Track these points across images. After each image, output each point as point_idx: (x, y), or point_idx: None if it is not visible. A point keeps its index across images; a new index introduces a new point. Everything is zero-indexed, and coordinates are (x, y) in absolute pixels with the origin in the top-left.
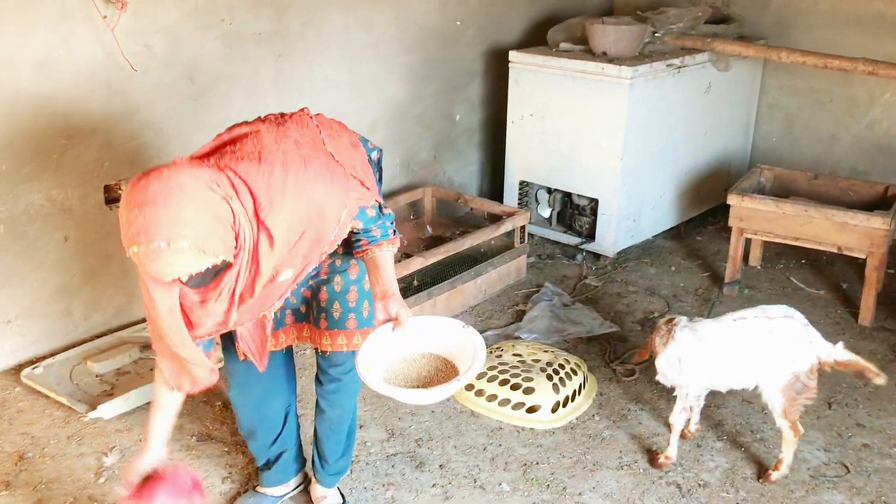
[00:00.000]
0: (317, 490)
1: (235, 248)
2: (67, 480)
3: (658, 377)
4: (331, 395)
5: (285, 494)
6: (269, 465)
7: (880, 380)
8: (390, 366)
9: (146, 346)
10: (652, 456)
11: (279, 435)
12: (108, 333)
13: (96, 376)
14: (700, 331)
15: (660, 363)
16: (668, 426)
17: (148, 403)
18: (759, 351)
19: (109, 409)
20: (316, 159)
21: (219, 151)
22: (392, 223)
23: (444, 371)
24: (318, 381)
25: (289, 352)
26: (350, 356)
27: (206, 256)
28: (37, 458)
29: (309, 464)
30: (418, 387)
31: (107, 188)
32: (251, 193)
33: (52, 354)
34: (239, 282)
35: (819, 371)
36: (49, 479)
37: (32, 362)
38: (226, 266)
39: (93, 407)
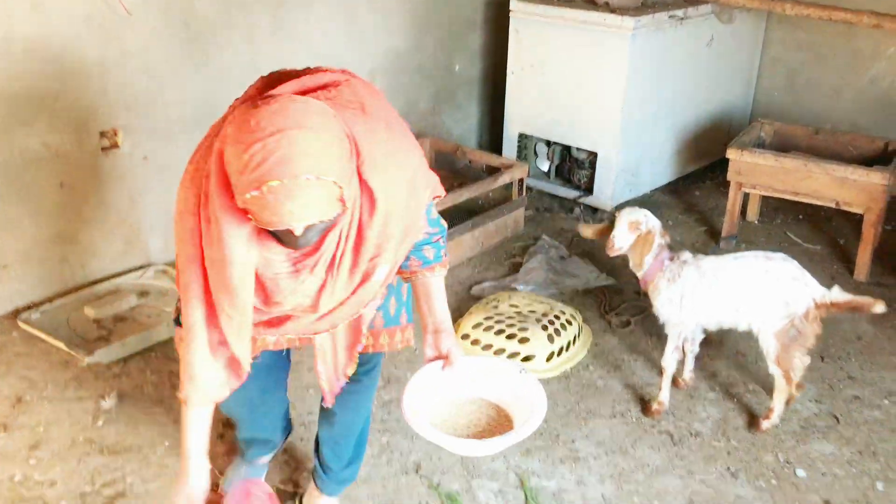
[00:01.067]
0: (318, 501)
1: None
2: (66, 423)
3: (654, 310)
4: (346, 396)
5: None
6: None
7: (880, 307)
8: (437, 409)
9: (143, 293)
10: (645, 404)
11: (278, 437)
12: (105, 280)
13: (94, 322)
14: (702, 266)
15: (661, 300)
16: (661, 370)
17: (146, 349)
18: (755, 288)
19: (107, 354)
20: (407, 129)
21: (307, 96)
22: (445, 240)
23: (497, 421)
24: None
25: (288, 353)
26: (372, 356)
27: (337, 201)
28: (35, 401)
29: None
30: (468, 436)
31: (102, 134)
32: (356, 146)
33: (49, 300)
34: (339, 248)
35: (818, 318)
36: (47, 421)
37: (29, 308)
38: (327, 228)
39: (90, 352)
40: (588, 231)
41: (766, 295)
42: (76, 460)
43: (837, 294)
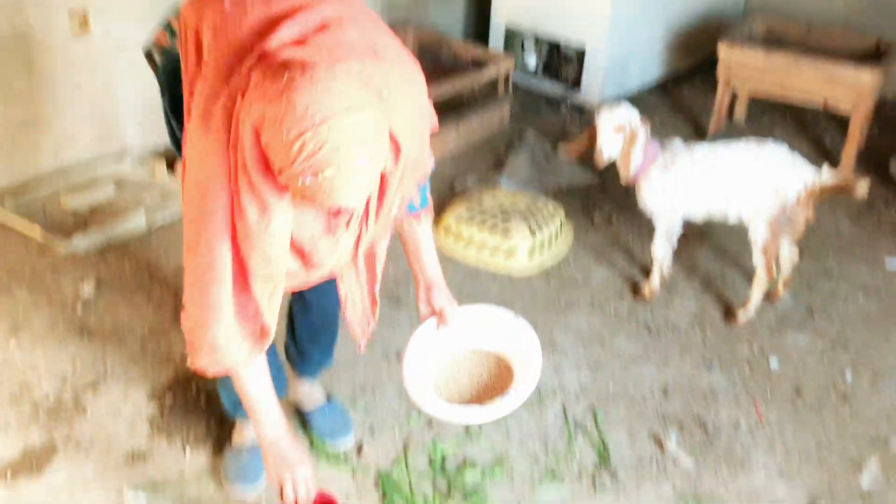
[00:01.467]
0: (301, 388)
1: None
2: (46, 308)
3: (642, 202)
4: (322, 284)
5: None
6: None
7: (863, 185)
8: (438, 367)
9: (120, 183)
10: (635, 287)
11: None
12: (80, 169)
13: (70, 210)
14: (695, 155)
15: (653, 190)
16: (651, 259)
17: (124, 238)
18: (746, 175)
19: (85, 242)
20: (409, 55)
21: (313, 41)
22: (429, 180)
23: (498, 373)
24: None
25: None
26: None
27: (381, 173)
28: (13, 288)
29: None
30: (472, 393)
31: (71, 15)
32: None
33: (23, 188)
34: (370, 201)
35: (809, 202)
36: (26, 307)
37: (2, 195)
38: None
39: (67, 240)
40: (572, 149)
41: (757, 182)
42: (56, 345)
43: (827, 175)
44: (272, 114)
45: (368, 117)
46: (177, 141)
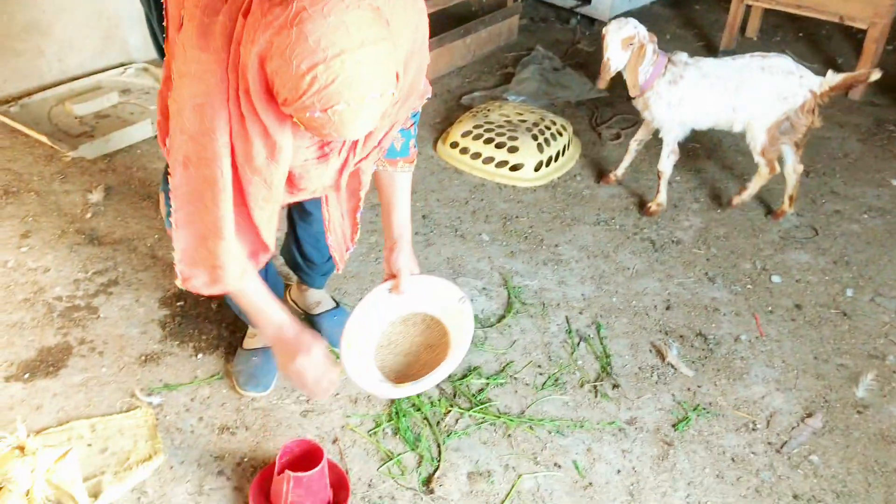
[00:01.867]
0: (309, 296)
1: None
2: (54, 215)
3: (645, 113)
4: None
5: None
6: None
7: (875, 74)
8: (384, 329)
9: (125, 91)
10: (642, 205)
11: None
12: (84, 77)
13: (76, 118)
14: (703, 68)
15: (661, 104)
16: (658, 174)
17: (131, 146)
18: (753, 86)
19: (92, 149)
20: None
21: None
22: (416, 127)
23: (436, 345)
24: None
25: None
26: None
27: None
28: (22, 193)
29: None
30: (409, 363)
31: None
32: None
33: (28, 95)
34: None
35: (814, 108)
36: (36, 212)
37: (6, 102)
38: None
39: (75, 147)
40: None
41: (763, 92)
42: (67, 249)
43: (832, 78)
44: (280, 44)
45: (381, 51)
46: (160, 46)
